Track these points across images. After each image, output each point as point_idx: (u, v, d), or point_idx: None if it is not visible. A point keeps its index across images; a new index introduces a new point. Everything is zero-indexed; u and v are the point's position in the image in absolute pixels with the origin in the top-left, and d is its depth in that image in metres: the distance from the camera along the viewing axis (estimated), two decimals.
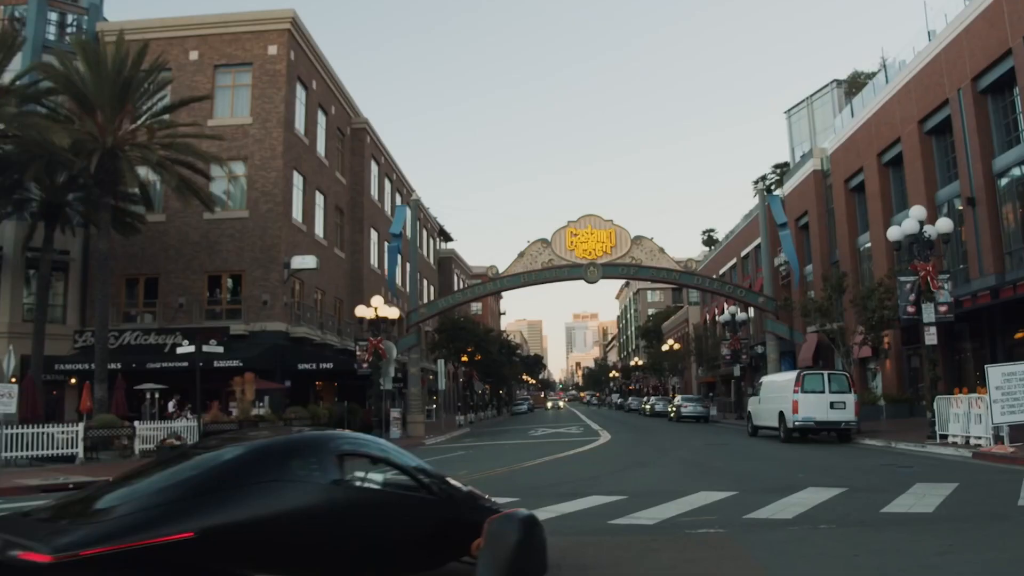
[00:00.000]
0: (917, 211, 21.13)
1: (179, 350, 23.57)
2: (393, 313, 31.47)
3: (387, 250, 39.32)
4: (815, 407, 23.21)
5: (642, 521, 9.92)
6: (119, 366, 33.59)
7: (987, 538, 8.25)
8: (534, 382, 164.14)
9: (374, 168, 53.35)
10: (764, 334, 37.87)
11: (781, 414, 24.39)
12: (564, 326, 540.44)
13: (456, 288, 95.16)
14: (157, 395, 32.58)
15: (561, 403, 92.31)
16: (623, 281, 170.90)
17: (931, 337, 20.37)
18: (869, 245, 37.04)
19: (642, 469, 17.39)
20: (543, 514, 9.23)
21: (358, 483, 6.74)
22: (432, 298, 74.38)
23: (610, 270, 36.38)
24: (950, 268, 24.64)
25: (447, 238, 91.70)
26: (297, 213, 39.39)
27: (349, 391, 46.58)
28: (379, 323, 30.87)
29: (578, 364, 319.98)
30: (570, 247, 36.60)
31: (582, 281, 36.66)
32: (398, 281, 48.92)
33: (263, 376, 34.30)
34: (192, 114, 37.01)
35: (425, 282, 70.55)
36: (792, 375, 24.61)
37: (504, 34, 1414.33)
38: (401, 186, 62.12)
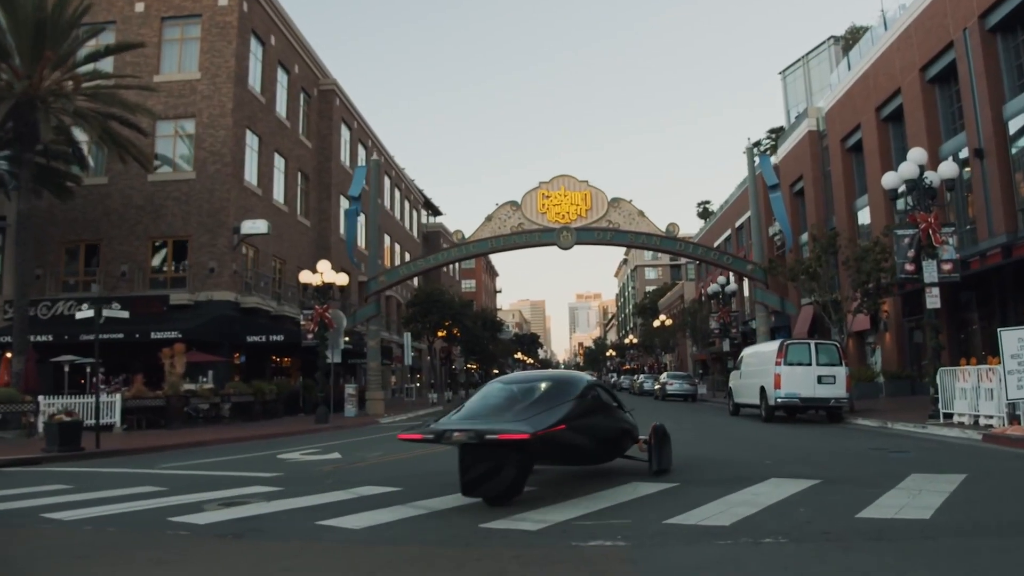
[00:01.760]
0: (916, 154, 18.25)
1: (78, 315, 20.79)
2: (342, 279, 28.66)
3: (345, 214, 36.32)
4: (800, 382, 20.38)
5: (524, 525, 7.16)
6: (50, 338, 31.02)
7: (1014, 566, 5.42)
8: (532, 361, 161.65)
9: (345, 133, 50.38)
10: (755, 304, 34.99)
11: (762, 390, 21.58)
12: (567, 306, 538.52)
13: (446, 267, 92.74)
14: (89, 369, 29.86)
15: None
16: (622, 258, 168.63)
17: (933, 300, 17.50)
18: (867, 208, 34.11)
19: None
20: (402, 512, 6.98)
21: (600, 400, 10.27)
22: (417, 277, 71.77)
23: (585, 235, 33.47)
24: (955, 225, 21.60)
25: (435, 212, 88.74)
26: (251, 175, 36.52)
27: (316, 366, 43.93)
28: (326, 290, 28.05)
29: (580, 344, 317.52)
30: (542, 210, 33.69)
31: (555, 248, 33.72)
32: (363, 247, 45.83)
33: (206, 349, 31.65)
34: (137, 70, 34.26)
35: (407, 256, 67.73)
36: (774, 345, 21.66)
37: (493, 8, 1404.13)
38: (379, 153, 59.12)
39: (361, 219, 42.86)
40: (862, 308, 24.24)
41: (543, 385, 9.65)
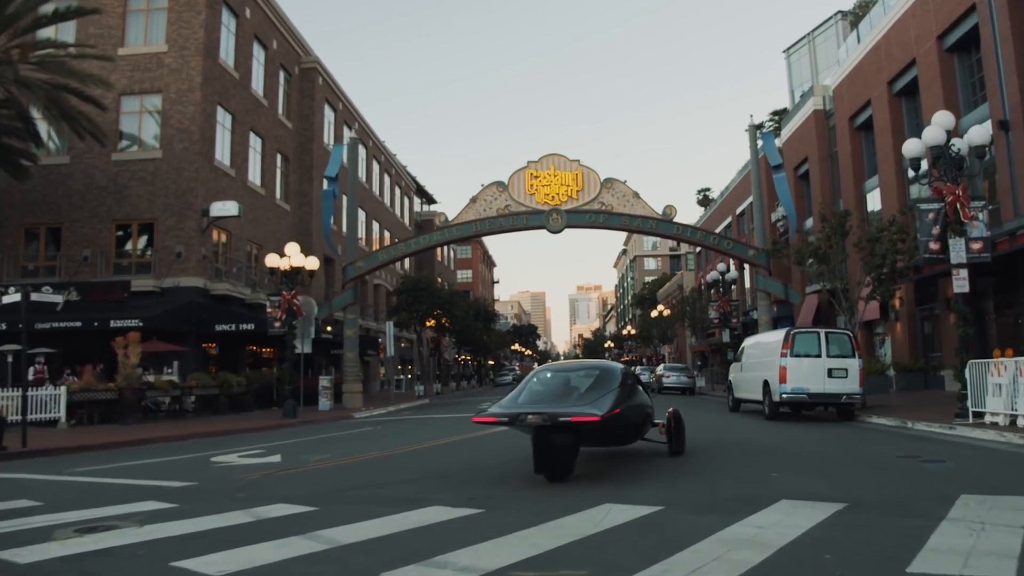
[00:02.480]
0: (942, 118, 16.10)
1: (4, 299, 18.69)
2: (312, 263, 26.56)
3: (321, 195, 34.20)
4: (809, 375, 18.23)
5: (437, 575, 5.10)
6: (3, 326, 29.02)
7: None
8: (530, 353, 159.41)
9: (329, 114, 48.22)
10: (757, 292, 32.91)
11: (766, 384, 19.42)
12: (568, 298, 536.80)
13: (440, 256, 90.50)
14: (41, 360, 27.81)
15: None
16: (621, 249, 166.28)
17: (961, 283, 15.39)
18: (877, 190, 31.95)
19: None
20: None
21: (636, 386, 11.21)
22: (408, 264, 69.56)
23: (576, 218, 31.36)
24: (986, 200, 19.41)
25: (429, 200, 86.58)
26: (222, 155, 34.44)
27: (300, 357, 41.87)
28: (295, 275, 25.97)
29: (580, 336, 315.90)
30: (530, 191, 31.55)
31: (545, 231, 31.61)
32: (343, 230, 43.45)
33: (171, 338, 29.64)
34: (101, 42, 32.22)
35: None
36: (779, 335, 19.43)
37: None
38: (367, 137, 56.95)
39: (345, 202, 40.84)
40: (876, 295, 22.08)
41: (593, 372, 10.75)
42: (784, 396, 18.31)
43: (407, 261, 69.10)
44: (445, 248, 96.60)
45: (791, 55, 46.58)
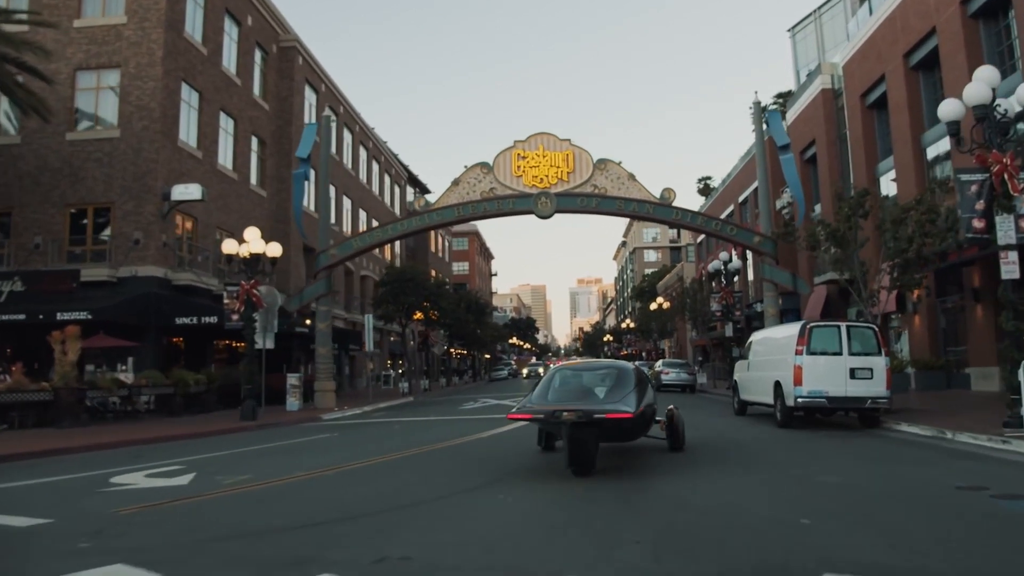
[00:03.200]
0: (986, 73, 13.70)
1: None
2: (274, 250, 24.15)
3: (293, 178, 31.77)
4: (828, 376, 15.76)
5: None
6: None
7: None
8: (529, 347, 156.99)
9: (311, 96, 45.72)
10: (763, 282, 30.50)
11: (778, 386, 16.99)
12: (568, 291, 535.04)
13: (434, 247, 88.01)
14: None
15: (540, 369, 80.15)
16: (620, 241, 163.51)
17: (1010, 268, 12.96)
18: (892, 172, 29.51)
19: (510, 490, 9.90)
20: None
21: (648, 385, 11.79)
22: (400, 256, 67.15)
23: (566, 201, 28.92)
24: None
25: (423, 189, 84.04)
26: (187, 135, 32.02)
27: (274, 352, 39.45)
28: (255, 263, 23.56)
29: (581, 329, 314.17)
30: (517, 173, 29.11)
31: (534, 216, 29.20)
32: (313, 213, 40.87)
33: (126, 332, 27.28)
34: (55, 13, 29.85)
35: (397, 241, 63.11)
36: (794, 329, 16.88)
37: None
38: (353, 122, 54.51)
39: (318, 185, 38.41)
40: (898, 283, 19.62)
41: (612, 372, 11.49)
42: (800, 400, 15.83)
43: (398, 253, 66.78)
44: (440, 240, 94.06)
45: (796, 34, 44.14)
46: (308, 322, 35.92)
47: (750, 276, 50.79)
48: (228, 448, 15.69)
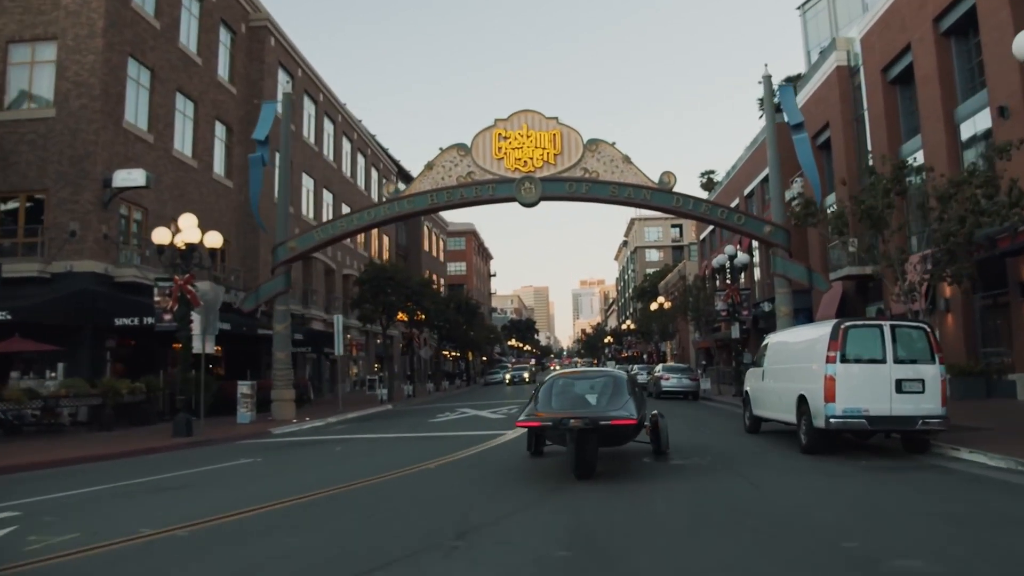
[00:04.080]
0: None
1: None
2: (213, 240, 20.98)
3: (249, 162, 28.59)
4: (868, 389, 12.44)
5: None
6: None
7: None
8: (529, 348, 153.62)
9: (285, 80, 42.49)
10: (773, 278, 27.28)
11: (802, 401, 13.64)
12: (571, 292, 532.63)
13: (427, 246, 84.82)
14: None
15: (525, 374, 73.29)
16: (621, 239, 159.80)
17: None
18: (920, 153, 26.25)
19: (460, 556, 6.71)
20: None
21: (640, 392, 12.78)
22: (387, 254, 63.97)
23: (553, 187, 25.71)
24: None
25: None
26: (135, 116, 28.93)
27: (245, 357, 36.33)
28: (189, 254, 20.40)
29: (583, 331, 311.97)
30: (497, 155, 25.90)
31: (516, 204, 26.04)
32: (273, 203, 37.64)
33: (56, 335, 24.19)
34: None
35: (385, 239, 60.02)
36: (822, 330, 13.49)
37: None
38: (335, 110, 51.33)
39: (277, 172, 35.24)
40: (944, 274, 16.33)
41: (607, 380, 12.25)
42: (832, 421, 12.38)
43: (387, 251, 63.58)
44: (435, 238, 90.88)
45: (807, 11, 40.92)
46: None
47: (756, 274, 47.61)
48: (116, 479, 12.53)
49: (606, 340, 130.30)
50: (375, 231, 60.79)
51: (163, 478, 12.55)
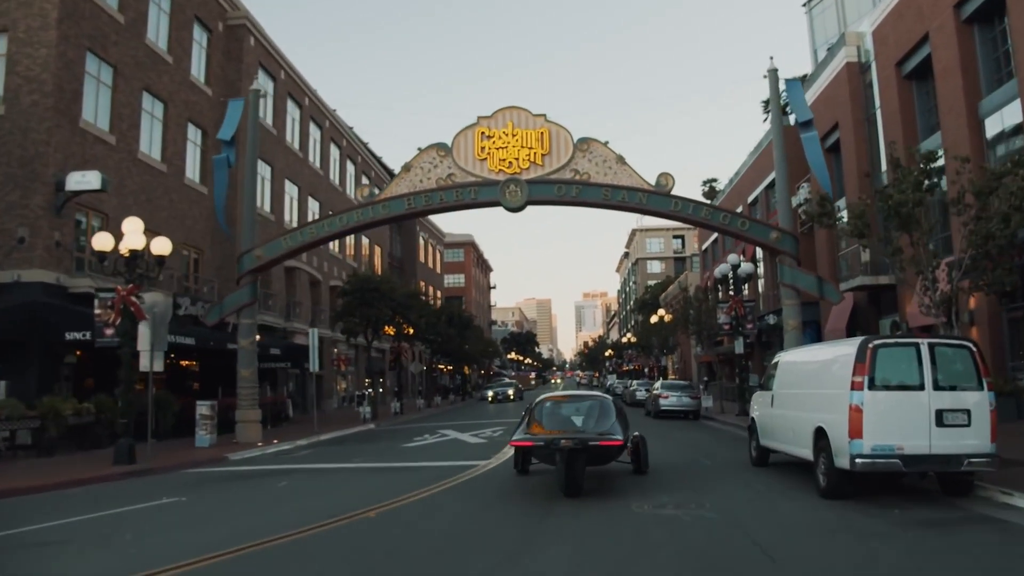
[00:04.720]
0: None
1: None
2: (161, 247, 18.91)
3: (214, 164, 26.56)
4: (904, 422, 10.36)
5: None
6: None
7: None
8: (529, 361, 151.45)
9: (266, 82, 40.53)
10: (778, 289, 25.15)
11: (821, 434, 11.48)
12: (574, 305, 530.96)
13: (423, 255, 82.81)
14: None
15: (510, 391, 68.10)
16: (623, 251, 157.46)
17: None
18: (940, 156, 24.13)
19: None
20: None
21: (624, 414, 13.49)
22: (380, 265, 61.91)
23: (541, 189, 23.63)
24: None
25: None
26: (94, 115, 26.93)
27: (224, 373, 34.19)
28: (133, 262, 18.34)
29: (585, 343, 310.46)
30: (480, 155, 23.83)
31: (501, 209, 23.98)
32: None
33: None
34: None
35: (364, 240, 57.93)
36: (845, 348, 11.27)
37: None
38: (321, 116, 49.42)
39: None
40: (982, 282, 14.21)
41: (593, 403, 13.23)
42: (859, 461, 10.10)
43: (379, 263, 61.54)
44: (431, 250, 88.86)
45: (813, 7, 38.94)
46: (259, 338, 30.67)
47: (761, 285, 45.49)
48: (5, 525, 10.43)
49: (607, 353, 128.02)
50: (366, 240, 58.82)
51: (41, 528, 10.39)
